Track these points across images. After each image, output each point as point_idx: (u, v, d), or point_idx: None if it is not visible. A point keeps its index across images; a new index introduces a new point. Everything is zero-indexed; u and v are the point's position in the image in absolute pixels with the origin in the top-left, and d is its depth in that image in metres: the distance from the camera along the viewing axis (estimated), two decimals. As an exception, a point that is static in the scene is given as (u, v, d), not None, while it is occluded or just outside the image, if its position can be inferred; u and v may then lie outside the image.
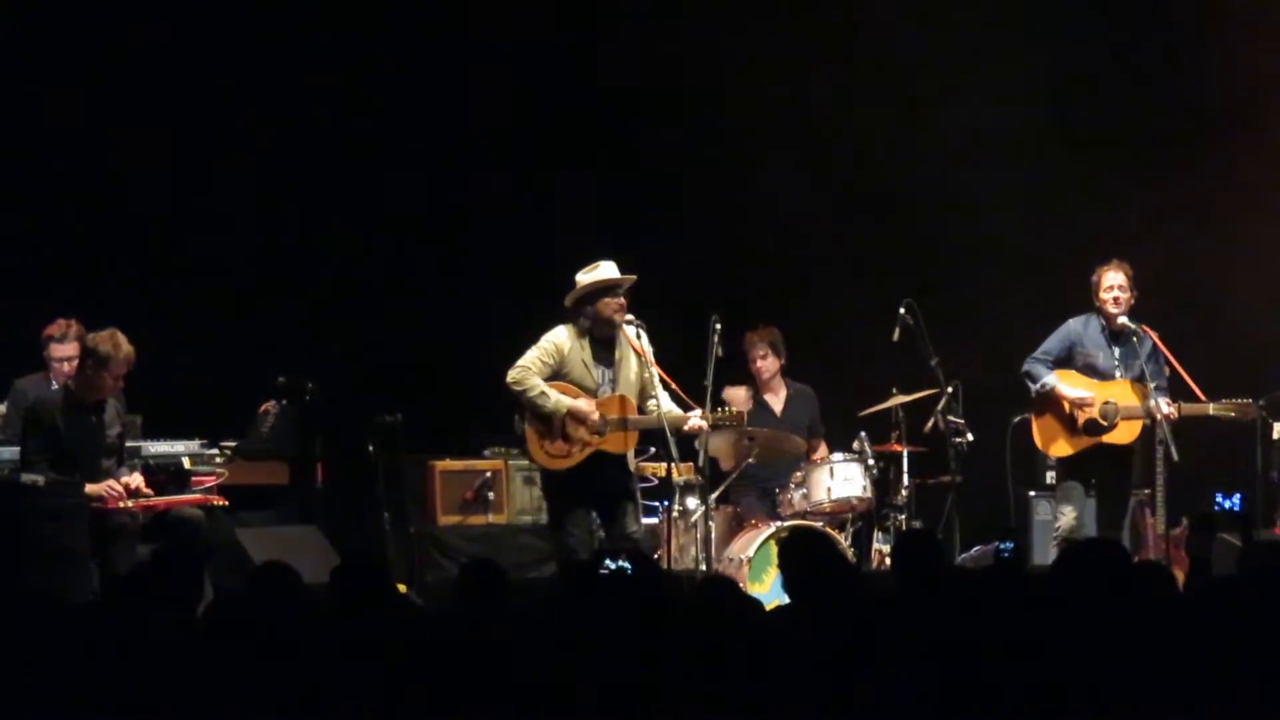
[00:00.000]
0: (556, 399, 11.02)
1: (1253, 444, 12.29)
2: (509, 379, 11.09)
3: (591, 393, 11.14)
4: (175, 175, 13.71)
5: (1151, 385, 11.74)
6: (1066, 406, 11.82)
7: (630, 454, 11.33)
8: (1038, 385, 11.91)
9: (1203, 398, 11.73)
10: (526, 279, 13.00)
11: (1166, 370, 11.85)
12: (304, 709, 5.89)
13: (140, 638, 6.29)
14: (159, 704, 5.89)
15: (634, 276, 11.19)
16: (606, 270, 11.18)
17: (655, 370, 11.20)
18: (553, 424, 11.07)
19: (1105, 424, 11.82)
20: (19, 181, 13.38)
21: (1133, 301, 11.89)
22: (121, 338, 10.70)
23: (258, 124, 13.77)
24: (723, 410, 11.36)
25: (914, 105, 14.04)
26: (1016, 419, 12.40)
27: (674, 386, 11.33)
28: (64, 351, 11.44)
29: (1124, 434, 11.84)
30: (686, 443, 11.42)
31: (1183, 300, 13.20)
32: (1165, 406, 11.65)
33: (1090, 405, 11.77)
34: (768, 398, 12.59)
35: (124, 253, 13.46)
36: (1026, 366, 11.97)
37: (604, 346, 11.21)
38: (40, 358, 11.64)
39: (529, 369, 11.06)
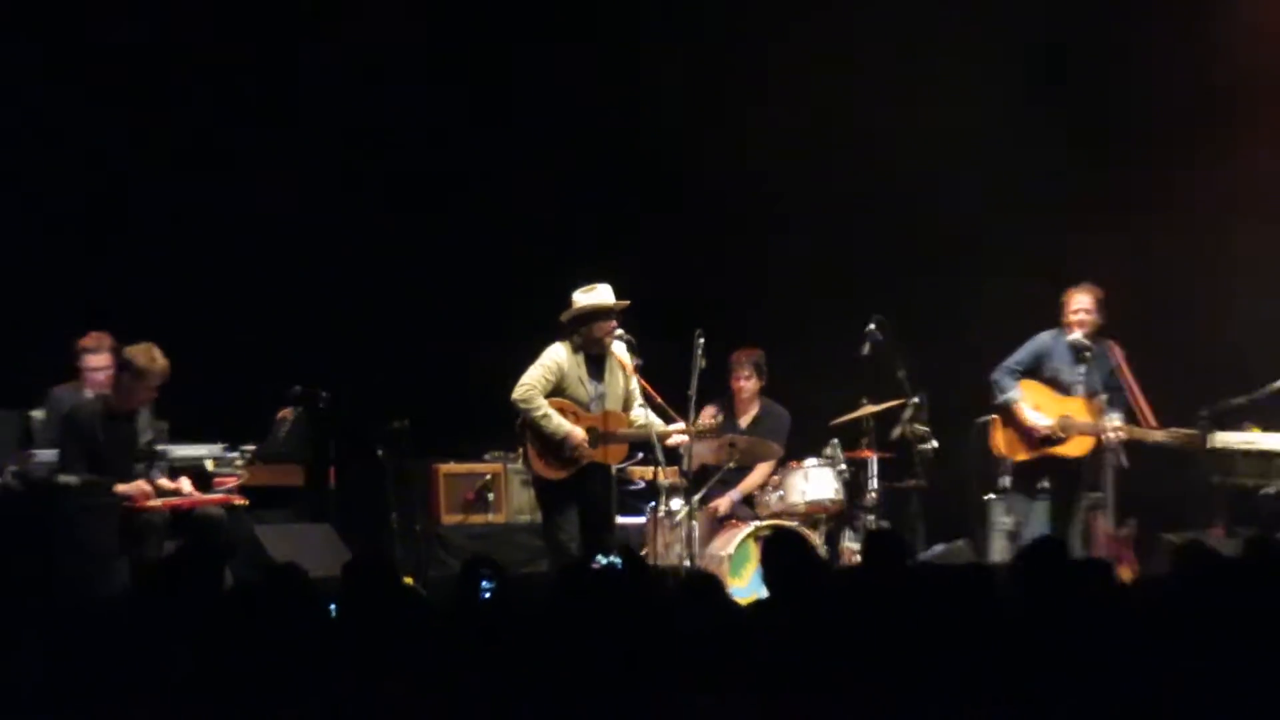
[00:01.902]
0: (557, 423, 11.11)
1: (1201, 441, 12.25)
2: (516, 396, 11.17)
3: (585, 405, 11.23)
4: (203, 205, 13.72)
5: (1104, 398, 11.77)
6: (1024, 423, 11.90)
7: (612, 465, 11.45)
8: (1002, 397, 11.99)
9: (1154, 422, 11.72)
10: (524, 296, 12.99)
11: (1125, 389, 11.88)
12: (317, 693, 5.90)
13: (166, 627, 6.31)
14: (183, 687, 5.89)
15: (627, 302, 11.26)
16: (603, 294, 11.24)
17: (638, 381, 11.30)
18: (550, 440, 11.15)
19: (1061, 436, 11.87)
20: (53, 201, 13.40)
21: (1099, 324, 11.92)
22: (157, 351, 10.73)
23: (272, 155, 13.79)
24: (699, 424, 11.40)
25: (888, 126, 13.84)
26: (980, 419, 12.40)
27: (658, 399, 11.38)
28: (97, 362, 11.44)
29: (1076, 448, 11.89)
30: (672, 448, 11.50)
31: (1149, 308, 13.10)
32: (1116, 420, 11.69)
33: (1043, 430, 11.82)
34: (739, 414, 12.59)
35: (152, 270, 13.46)
36: (995, 375, 12.03)
37: (594, 362, 11.30)
38: (74, 368, 11.64)
39: (534, 387, 11.14)
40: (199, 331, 12.90)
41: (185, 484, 11.02)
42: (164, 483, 10.92)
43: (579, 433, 11.13)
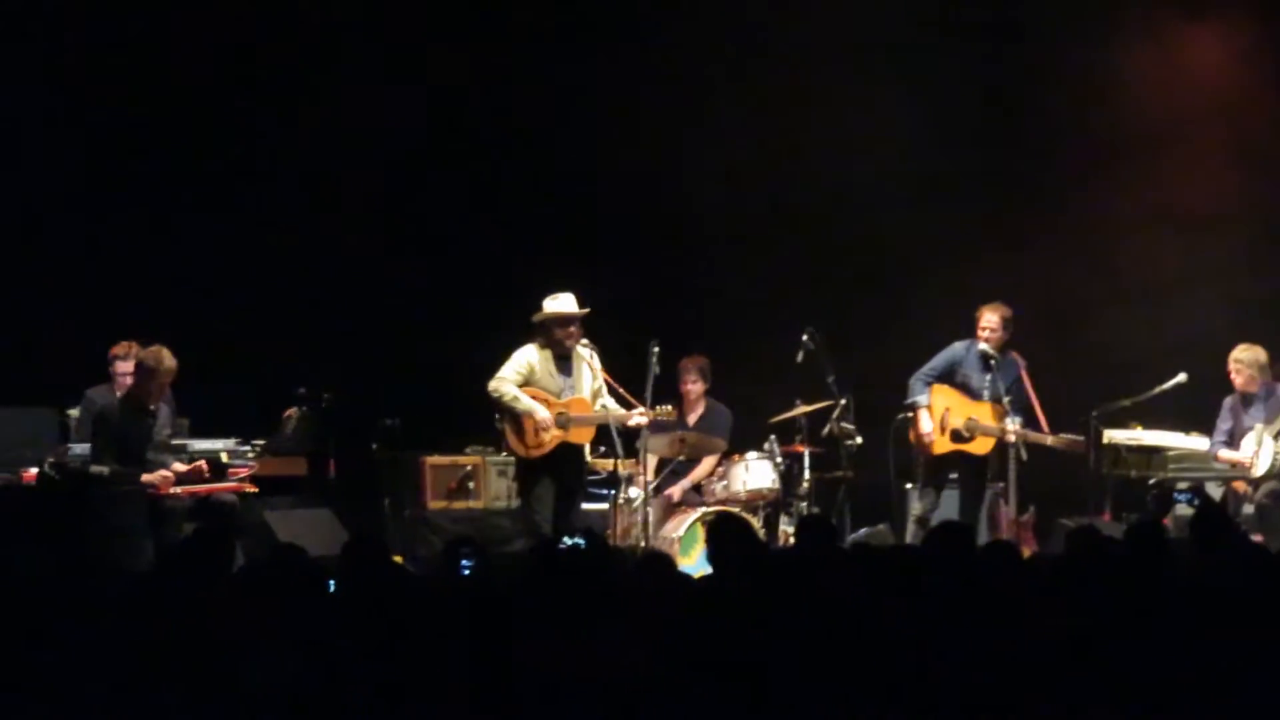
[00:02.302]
0: (527, 403, 11.30)
1: (1087, 446, 12.31)
2: (490, 387, 11.39)
3: (556, 394, 11.40)
4: (220, 228, 13.67)
5: (1007, 400, 11.81)
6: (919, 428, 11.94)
7: (586, 448, 11.59)
8: (910, 399, 12.03)
9: (1046, 429, 11.78)
10: (500, 310, 12.93)
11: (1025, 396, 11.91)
12: (319, 650, 5.89)
13: (185, 598, 6.30)
14: (200, 649, 5.88)
15: (588, 309, 11.41)
16: (566, 303, 11.43)
17: (604, 379, 11.51)
18: (524, 423, 11.27)
19: (967, 436, 11.93)
20: (89, 228, 13.35)
21: (1005, 339, 11.96)
22: (165, 353, 10.80)
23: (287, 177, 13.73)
24: (658, 410, 11.52)
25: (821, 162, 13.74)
26: (899, 418, 12.40)
27: (621, 391, 11.56)
28: (126, 368, 11.44)
29: (980, 446, 11.96)
30: (631, 442, 11.65)
31: (1049, 323, 13.09)
32: (1016, 424, 11.71)
33: (928, 438, 11.85)
34: (688, 413, 12.58)
35: (177, 287, 13.41)
36: (912, 380, 12.05)
37: (562, 360, 11.49)
38: (106, 372, 11.67)
39: (506, 379, 11.39)
40: (217, 341, 12.86)
41: (201, 463, 11.01)
42: (178, 466, 10.91)
43: (542, 410, 11.26)
